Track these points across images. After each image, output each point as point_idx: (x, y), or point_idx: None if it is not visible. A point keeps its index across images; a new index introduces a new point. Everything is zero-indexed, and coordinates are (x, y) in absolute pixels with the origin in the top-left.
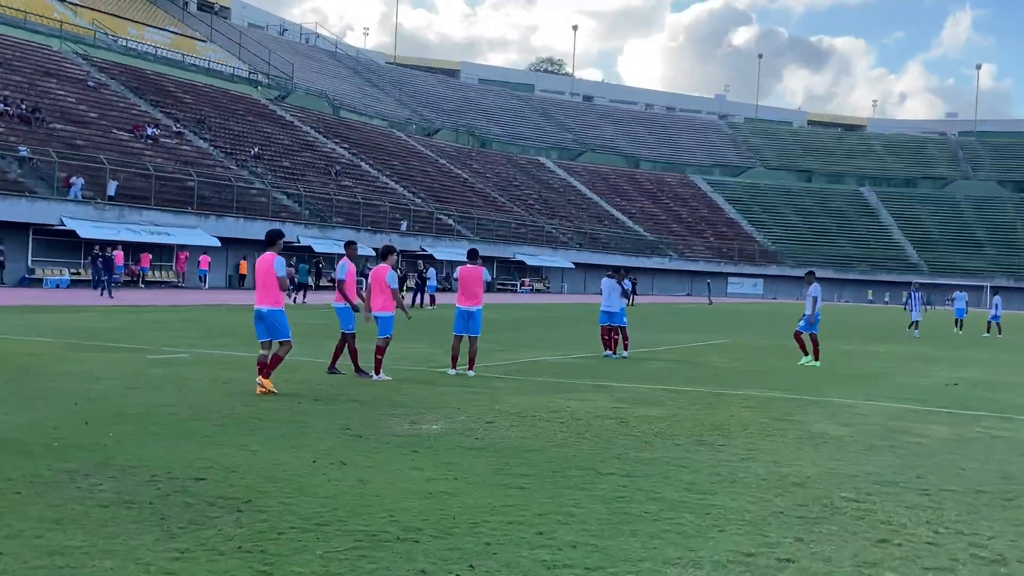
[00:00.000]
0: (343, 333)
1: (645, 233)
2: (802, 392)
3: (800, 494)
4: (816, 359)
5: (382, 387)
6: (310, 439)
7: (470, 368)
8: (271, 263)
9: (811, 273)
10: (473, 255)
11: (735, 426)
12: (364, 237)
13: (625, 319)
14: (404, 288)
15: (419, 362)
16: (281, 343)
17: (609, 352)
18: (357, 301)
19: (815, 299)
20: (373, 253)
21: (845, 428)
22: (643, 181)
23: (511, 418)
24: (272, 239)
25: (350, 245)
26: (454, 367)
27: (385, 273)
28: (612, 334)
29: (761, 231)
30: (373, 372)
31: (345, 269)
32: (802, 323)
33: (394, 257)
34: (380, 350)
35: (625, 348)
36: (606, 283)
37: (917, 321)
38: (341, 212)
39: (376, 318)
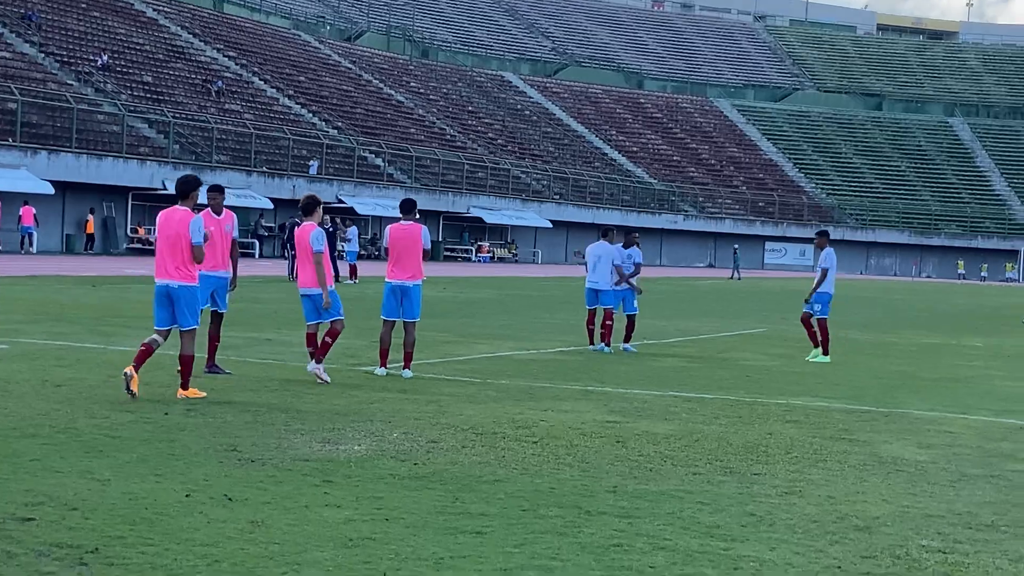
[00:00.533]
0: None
1: (650, 180)
2: (867, 401)
3: (864, 542)
4: (825, 353)
5: (282, 394)
6: (182, 464)
7: (406, 366)
8: (186, 224)
9: (823, 235)
10: (409, 208)
11: (775, 448)
12: (258, 184)
13: (635, 304)
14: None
15: (334, 358)
16: (183, 333)
17: (602, 345)
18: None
19: (825, 271)
20: (270, 205)
21: (926, 451)
22: (648, 107)
23: (463, 436)
24: (185, 191)
25: (214, 190)
26: (384, 365)
27: (309, 234)
28: (605, 321)
29: (811, 178)
30: (314, 362)
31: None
32: (815, 303)
33: (320, 211)
34: (334, 335)
35: (627, 339)
36: (592, 249)
37: None
38: (225, 148)
39: (306, 297)
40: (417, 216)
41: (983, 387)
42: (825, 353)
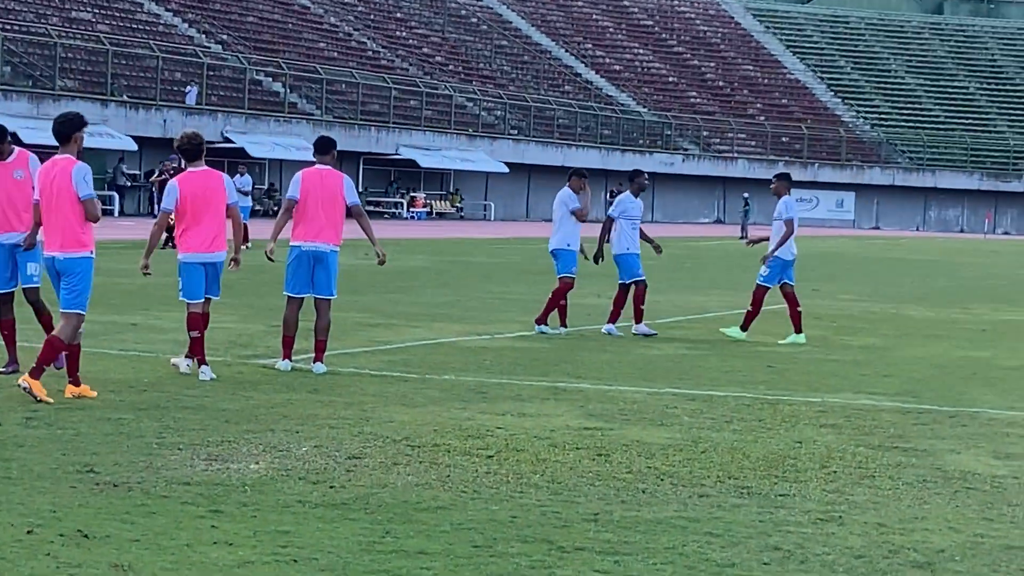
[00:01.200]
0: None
1: (638, 108)
2: (927, 398)
3: None
4: (798, 331)
5: (154, 396)
6: (22, 491)
7: (318, 359)
8: (68, 174)
9: (783, 177)
10: (324, 147)
11: (807, 461)
12: (117, 118)
13: (639, 270)
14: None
15: (222, 348)
16: (66, 316)
17: (545, 327)
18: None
19: (789, 223)
20: (133, 146)
21: (1006, 463)
22: (635, 11)
23: (395, 450)
24: (66, 132)
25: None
26: (288, 357)
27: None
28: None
29: (851, 104)
30: (186, 360)
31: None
32: (764, 270)
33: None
34: (198, 321)
35: (612, 318)
36: (559, 198)
37: None
38: (72, 70)
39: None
40: (333, 157)
41: None
42: (798, 331)
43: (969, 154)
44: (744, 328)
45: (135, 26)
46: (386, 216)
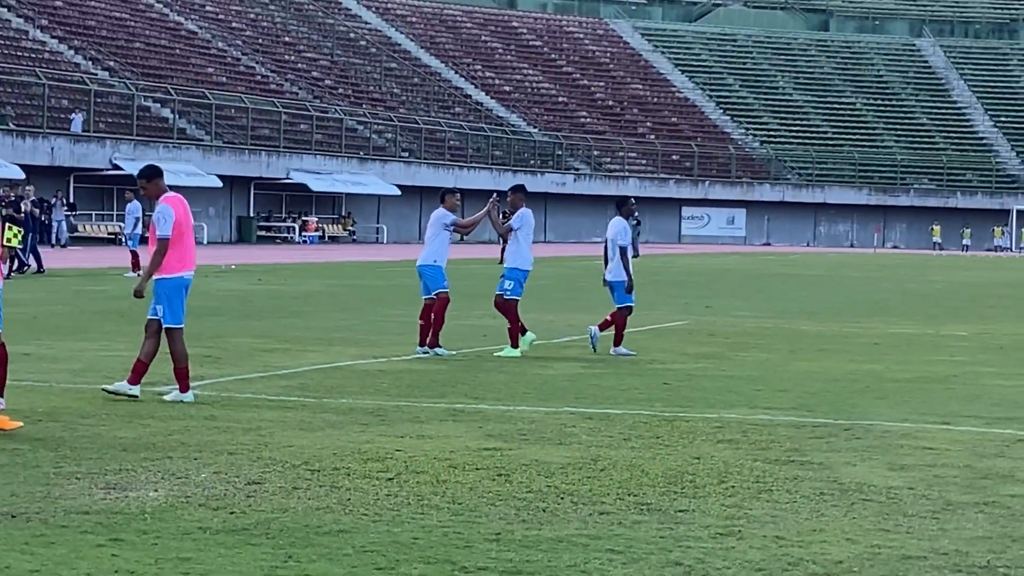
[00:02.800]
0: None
1: (529, 129)
2: (822, 412)
3: None
4: (515, 344)
5: (49, 426)
6: None
7: (185, 388)
8: None
9: (518, 189)
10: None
11: (705, 477)
12: (3, 145)
13: (630, 291)
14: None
15: (118, 376)
16: None
17: (440, 349)
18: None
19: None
20: (20, 174)
21: (901, 474)
22: (524, 32)
23: (294, 474)
24: None
25: None
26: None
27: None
28: (429, 313)
29: (740, 122)
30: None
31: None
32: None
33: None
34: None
35: (617, 340)
36: (435, 216)
37: None
38: None
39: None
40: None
41: (970, 388)
42: (515, 344)
43: (857, 169)
44: (515, 344)
45: (20, 53)
46: (278, 240)
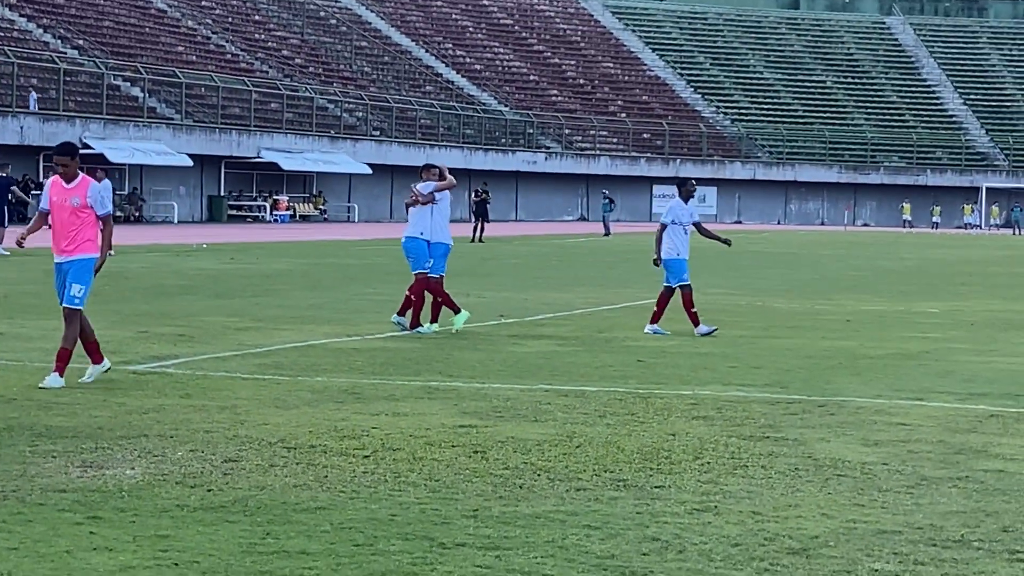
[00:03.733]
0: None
1: (500, 107)
2: (796, 388)
3: (802, 569)
4: (433, 321)
5: (24, 406)
6: None
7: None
8: None
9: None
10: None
11: (680, 453)
12: None
13: (685, 274)
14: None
15: (82, 354)
16: None
17: (422, 326)
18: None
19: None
20: None
21: (875, 450)
22: (494, 11)
23: (271, 452)
24: None
25: None
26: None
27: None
28: (427, 292)
29: (710, 100)
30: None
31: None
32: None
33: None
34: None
35: (654, 318)
36: (417, 189)
37: None
38: None
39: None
40: None
41: (943, 365)
42: (434, 319)
43: (828, 147)
44: (432, 319)
45: None
46: (249, 219)
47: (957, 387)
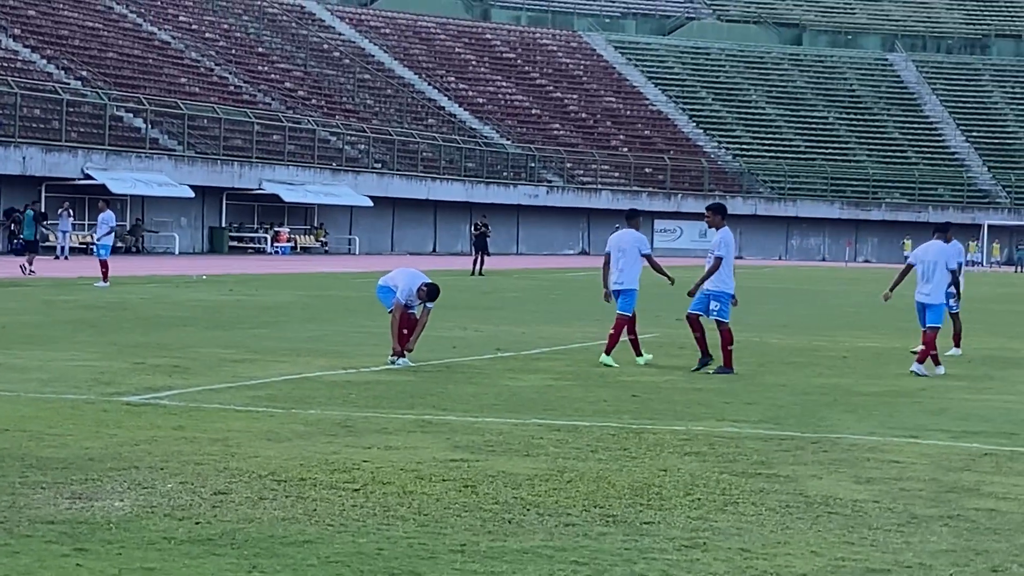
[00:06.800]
0: None
1: (502, 141)
2: (789, 425)
3: None
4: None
5: (15, 436)
6: None
7: None
8: None
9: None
10: None
11: (671, 489)
12: None
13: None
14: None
15: (84, 386)
16: None
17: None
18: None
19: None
20: None
21: (866, 488)
22: (497, 45)
23: (260, 485)
24: None
25: None
26: None
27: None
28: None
29: (712, 135)
30: None
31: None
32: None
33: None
34: None
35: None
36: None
37: None
38: None
39: None
40: None
41: (937, 402)
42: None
43: (830, 183)
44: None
45: None
46: (250, 251)
47: (951, 425)
